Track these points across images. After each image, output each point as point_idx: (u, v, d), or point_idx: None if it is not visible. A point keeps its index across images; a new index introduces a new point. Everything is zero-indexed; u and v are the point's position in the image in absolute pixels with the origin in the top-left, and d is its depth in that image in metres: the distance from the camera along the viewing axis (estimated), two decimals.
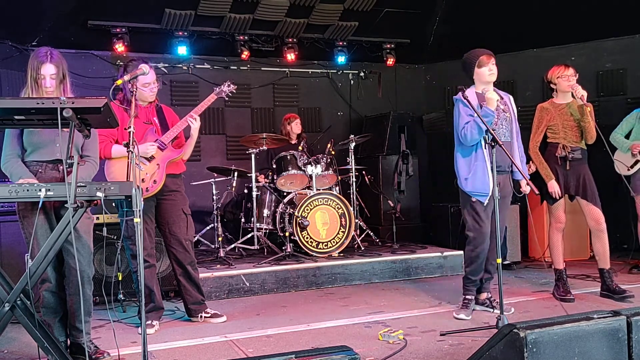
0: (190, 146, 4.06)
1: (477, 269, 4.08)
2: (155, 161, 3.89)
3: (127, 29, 6.40)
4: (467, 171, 4.00)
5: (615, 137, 5.44)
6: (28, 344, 3.47)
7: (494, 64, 4.01)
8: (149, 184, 3.86)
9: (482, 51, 4.04)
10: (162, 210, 3.99)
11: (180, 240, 4.01)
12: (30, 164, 3.15)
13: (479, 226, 4.01)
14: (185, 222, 4.04)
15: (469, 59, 4.07)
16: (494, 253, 4.08)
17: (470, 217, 4.07)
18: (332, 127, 7.43)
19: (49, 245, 2.71)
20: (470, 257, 4.09)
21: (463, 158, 4.04)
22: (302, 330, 3.81)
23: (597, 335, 2.30)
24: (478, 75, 4.05)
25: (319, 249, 5.63)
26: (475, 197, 3.99)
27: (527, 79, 7.31)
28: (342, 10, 6.94)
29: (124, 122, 3.82)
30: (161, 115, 4.07)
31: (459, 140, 4.03)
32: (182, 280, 4.08)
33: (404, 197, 7.02)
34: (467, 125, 3.89)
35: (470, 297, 4.11)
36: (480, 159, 3.95)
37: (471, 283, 4.12)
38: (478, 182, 3.95)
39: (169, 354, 3.37)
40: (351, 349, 2.26)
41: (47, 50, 3.15)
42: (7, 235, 4.24)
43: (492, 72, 4.00)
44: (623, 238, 6.54)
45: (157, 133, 3.97)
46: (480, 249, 4.03)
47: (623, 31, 6.83)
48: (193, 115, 3.98)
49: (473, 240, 4.06)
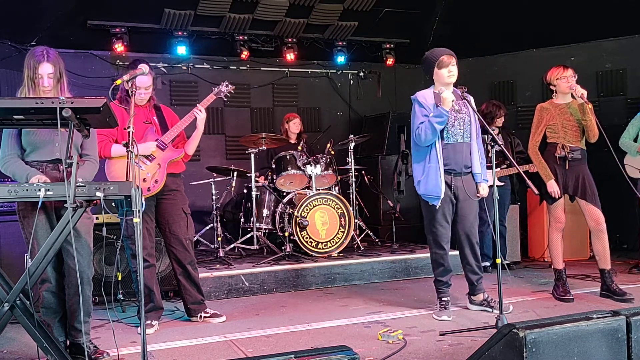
0: (196, 139, 4.07)
1: (446, 269, 4.08)
2: (156, 161, 3.90)
3: (126, 29, 6.41)
4: (421, 173, 3.99)
5: (623, 142, 5.45)
6: (27, 344, 3.47)
7: (454, 65, 3.94)
8: (151, 184, 3.86)
9: (443, 51, 3.98)
10: (162, 209, 3.99)
11: (181, 239, 4.01)
12: (30, 163, 3.14)
13: (434, 229, 4.01)
14: (185, 221, 4.05)
15: (429, 58, 4.01)
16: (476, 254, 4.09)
17: (427, 220, 4.08)
18: (331, 127, 7.43)
19: (49, 245, 2.71)
20: (435, 259, 4.11)
21: (417, 160, 4.03)
22: (301, 330, 3.80)
23: (596, 335, 2.30)
24: (437, 76, 3.99)
25: (319, 249, 5.63)
26: (428, 200, 3.98)
27: (527, 79, 7.31)
28: (341, 10, 6.95)
29: (124, 122, 3.83)
30: (160, 115, 4.07)
31: (414, 141, 4.01)
32: (182, 280, 4.08)
33: (404, 197, 7.00)
34: (422, 126, 3.87)
35: (446, 298, 4.08)
36: (433, 160, 3.92)
37: (442, 285, 4.11)
38: (430, 185, 3.92)
39: (168, 354, 3.37)
40: (351, 349, 2.26)
41: (44, 50, 3.14)
42: (7, 235, 4.24)
43: (452, 73, 3.94)
44: (623, 238, 6.55)
45: (157, 133, 3.97)
46: (441, 251, 4.04)
47: (623, 31, 6.84)
48: (199, 107, 4.00)
49: (432, 242, 4.08)
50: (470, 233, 4.06)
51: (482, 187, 4.08)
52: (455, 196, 3.99)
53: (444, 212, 3.97)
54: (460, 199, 3.99)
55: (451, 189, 3.95)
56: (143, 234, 3.82)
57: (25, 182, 2.92)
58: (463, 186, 3.99)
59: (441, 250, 4.05)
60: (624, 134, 5.47)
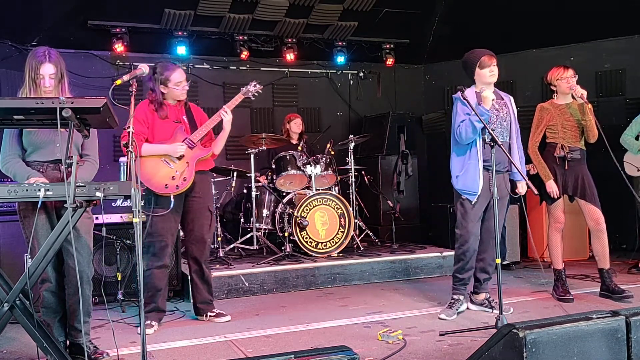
0: (222, 139, 4.12)
1: (465, 267, 4.07)
2: (184, 159, 3.94)
3: (126, 29, 6.41)
4: (460, 169, 4.02)
5: (625, 139, 5.45)
6: (27, 344, 3.47)
7: (495, 65, 4.01)
8: (179, 182, 3.91)
9: (484, 52, 4.04)
10: (188, 206, 4.03)
11: (201, 237, 4.07)
12: (31, 163, 3.14)
13: (466, 224, 4.02)
14: (209, 219, 4.11)
15: (471, 59, 4.07)
16: (492, 253, 4.09)
17: (459, 215, 4.09)
18: (331, 127, 7.43)
19: (48, 245, 2.71)
20: (457, 255, 4.11)
21: (457, 156, 4.06)
22: (301, 330, 3.80)
23: (596, 335, 2.30)
24: (479, 76, 4.05)
25: (318, 249, 5.63)
26: (465, 195, 4.00)
27: (527, 79, 7.32)
28: (341, 11, 6.95)
29: (154, 121, 3.92)
30: (190, 114, 4.12)
31: (454, 138, 4.04)
32: (195, 278, 4.13)
33: (403, 197, 7.02)
34: (463, 124, 3.90)
35: (457, 297, 4.09)
36: (473, 157, 3.95)
37: (459, 282, 4.11)
38: (469, 181, 3.95)
39: (168, 354, 3.37)
40: (350, 349, 2.26)
41: (45, 50, 3.15)
42: (7, 235, 4.24)
43: (494, 73, 4.01)
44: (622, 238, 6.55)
45: (186, 132, 4.01)
46: (466, 247, 4.03)
47: (622, 31, 6.84)
48: (225, 109, 4.06)
49: (460, 237, 4.07)
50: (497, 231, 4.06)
51: (521, 185, 4.13)
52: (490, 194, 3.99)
53: (478, 209, 3.99)
54: (494, 197, 3.99)
55: (489, 187, 3.96)
56: (166, 236, 3.90)
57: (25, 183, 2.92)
58: (500, 184, 4.02)
59: (466, 245, 4.02)
60: (626, 131, 5.47)
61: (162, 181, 3.87)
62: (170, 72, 3.94)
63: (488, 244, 4.11)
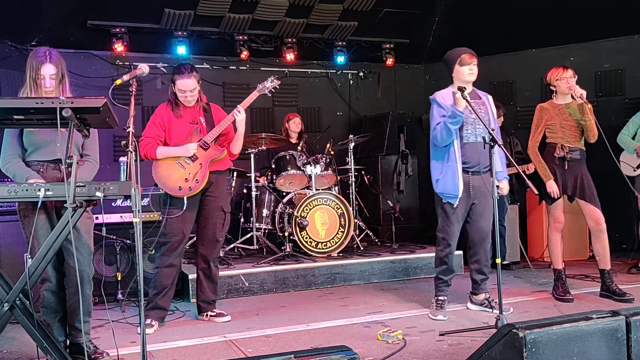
0: (238, 139, 4.11)
1: (447, 269, 4.10)
2: (198, 160, 3.94)
3: (126, 29, 6.41)
4: (439, 172, 4.00)
5: (622, 138, 5.45)
6: (27, 343, 3.47)
7: (475, 64, 3.97)
8: (192, 184, 3.91)
9: (465, 50, 4.02)
10: (203, 205, 4.05)
11: (213, 236, 4.08)
12: (31, 163, 3.15)
13: (448, 227, 4.02)
14: (222, 219, 4.12)
15: (452, 56, 4.04)
16: (485, 254, 4.10)
17: (440, 218, 4.09)
18: (331, 127, 7.43)
19: (48, 244, 2.71)
20: (441, 257, 4.12)
21: (436, 160, 4.05)
22: (301, 330, 3.81)
23: (596, 335, 2.31)
24: (457, 73, 4.02)
25: (318, 249, 5.63)
26: (445, 198, 3.99)
27: (527, 79, 7.32)
28: (341, 10, 6.95)
29: (171, 123, 3.94)
30: (208, 115, 4.10)
31: (432, 142, 4.03)
32: (201, 276, 4.14)
33: (403, 197, 7.01)
34: (438, 127, 3.89)
35: (442, 297, 4.11)
36: (452, 160, 3.93)
37: (443, 283, 4.13)
38: (449, 184, 3.94)
39: (168, 354, 3.37)
40: (350, 349, 2.26)
41: (46, 50, 3.15)
42: (7, 235, 4.24)
43: (472, 72, 3.97)
44: (622, 238, 6.55)
45: (202, 133, 4.00)
46: (449, 249, 4.04)
47: (622, 32, 6.84)
48: (239, 108, 4.02)
49: (442, 241, 4.08)
50: (485, 232, 4.06)
51: (503, 184, 4.10)
52: (472, 195, 3.99)
53: (459, 212, 3.99)
54: (477, 198, 3.99)
55: (469, 188, 3.96)
56: (179, 235, 3.94)
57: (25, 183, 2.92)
58: (481, 185, 4.00)
59: (449, 249, 4.05)
60: (623, 131, 5.48)
61: (175, 183, 3.88)
62: (178, 76, 3.88)
63: (480, 245, 4.09)
